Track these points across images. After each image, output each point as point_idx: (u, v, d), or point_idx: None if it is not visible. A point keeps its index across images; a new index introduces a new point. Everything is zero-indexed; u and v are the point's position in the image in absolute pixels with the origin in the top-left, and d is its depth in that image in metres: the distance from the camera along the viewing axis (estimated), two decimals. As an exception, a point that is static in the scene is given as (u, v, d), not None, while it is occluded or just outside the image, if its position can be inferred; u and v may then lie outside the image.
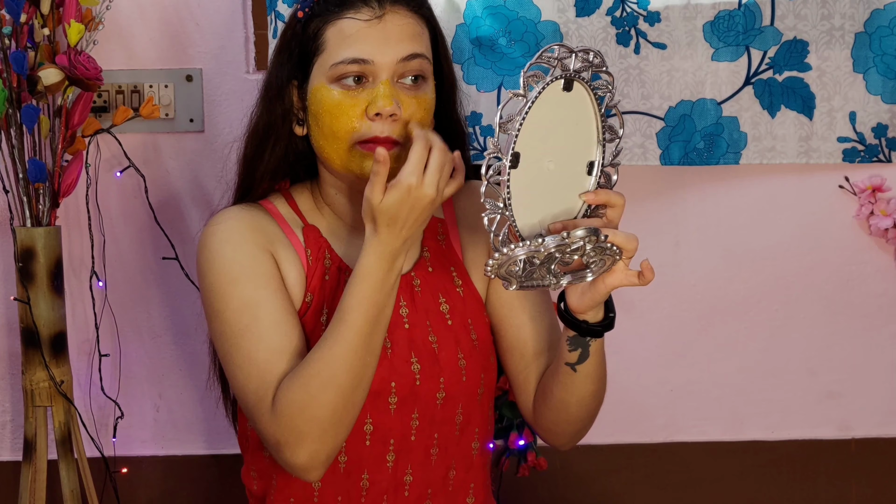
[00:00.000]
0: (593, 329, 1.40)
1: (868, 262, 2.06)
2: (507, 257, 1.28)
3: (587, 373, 1.43)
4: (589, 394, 1.46)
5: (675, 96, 1.96)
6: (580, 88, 1.33)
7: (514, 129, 1.27)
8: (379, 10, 1.43)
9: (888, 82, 1.96)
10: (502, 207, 1.29)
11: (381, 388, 1.45)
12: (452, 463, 1.51)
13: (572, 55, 1.31)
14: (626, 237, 1.32)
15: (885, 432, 2.11)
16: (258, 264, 1.45)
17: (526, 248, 1.28)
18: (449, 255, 1.55)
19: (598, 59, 1.33)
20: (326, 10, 1.44)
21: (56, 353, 1.83)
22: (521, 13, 1.92)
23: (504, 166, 1.28)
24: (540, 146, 1.31)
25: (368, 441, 1.47)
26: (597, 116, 1.36)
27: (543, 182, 1.33)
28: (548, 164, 1.33)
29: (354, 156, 1.42)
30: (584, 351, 1.41)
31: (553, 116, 1.31)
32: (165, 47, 1.97)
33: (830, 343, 2.08)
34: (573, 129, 1.35)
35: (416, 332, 1.48)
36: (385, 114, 1.41)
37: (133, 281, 2.02)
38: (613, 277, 1.36)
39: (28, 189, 1.81)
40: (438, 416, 1.49)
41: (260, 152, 1.51)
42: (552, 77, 1.29)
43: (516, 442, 2.03)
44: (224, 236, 1.46)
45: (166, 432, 2.05)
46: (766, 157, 1.99)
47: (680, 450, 2.10)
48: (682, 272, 2.06)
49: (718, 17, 1.94)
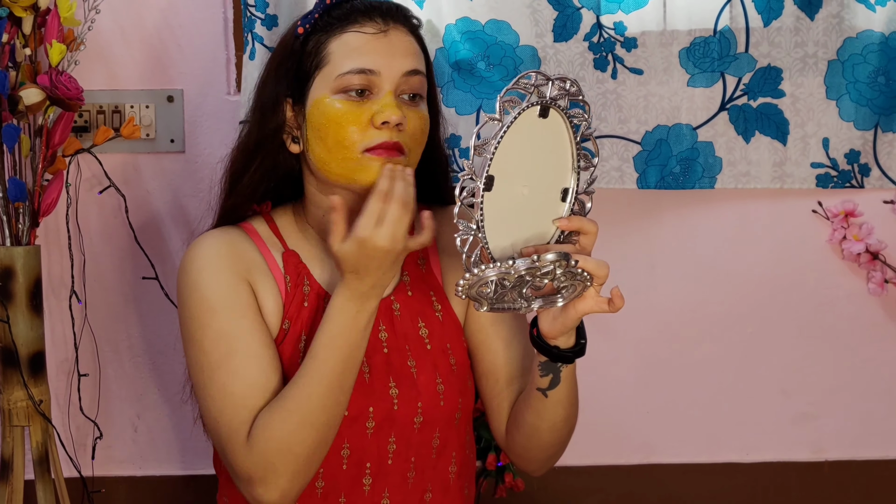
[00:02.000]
0: (564, 355, 1.40)
1: (841, 286, 2.09)
2: (477, 278, 1.29)
3: (558, 399, 1.44)
4: (560, 419, 1.46)
5: (652, 121, 1.98)
6: (556, 116, 1.34)
7: (489, 152, 1.28)
8: (383, 26, 1.45)
9: (860, 109, 1.99)
10: (475, 229, 1.30)
11: (359, 413, 1.45)
12: (429, 486, 1.51)
13: (549, 82, 1.32)
14: (597, 264, 1.33)
15: (859, 455, 2.12)
16: (236, 294, 1.45)
17: (496, 270, 1.29)
18: (429, 279, 1.55)
19: (575, 87, 1.34)
20: (329, 25, 1.45)
21: (34, 372, 1.82)
22: (499, 38, 1.94)
23: (478, 188, 1.29)
24: (514, 171, 1.31)
25: (345, 465, 1.47)
26: (572, 144, 1.37)
27: (517, 206, 1.34)
28: (522, 188, 1.34)
29: (362, 163, 1.42)
30: (555, 377, 1.42)
31: (528, 142, 1.32)
32: (147, 68, 1.98)
33: (804, 365, 2.10)
34: (548, 156, 1.36)
35: (395, 356, 1.49)
36: (392, 122, 1.42)
37: (113, 301, 2.01)
38: (584, 304, 1.36)
39: (8, 208, 1.81)
40: (415, 439, 1.49)
41: (247, 166, 1.51)
42: (528, 103, 1.31)
43: (494, 463, 2.04)
44: (202, 263, 1.46)
45: (144, 452, 2.05)
46: (740, 181, 2.01)
47: (656, 471, 2.11)
48: (657, 295, 2.07)
49: (694, 43, 1.96)
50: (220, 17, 1.98)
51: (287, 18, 1.88)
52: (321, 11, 1.47)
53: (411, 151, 1.45)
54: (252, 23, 1.88)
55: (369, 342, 1.47)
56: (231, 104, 1.99)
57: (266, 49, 1.88)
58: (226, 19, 1.99)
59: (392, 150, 1.42)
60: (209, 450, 1.92)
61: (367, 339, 1.40)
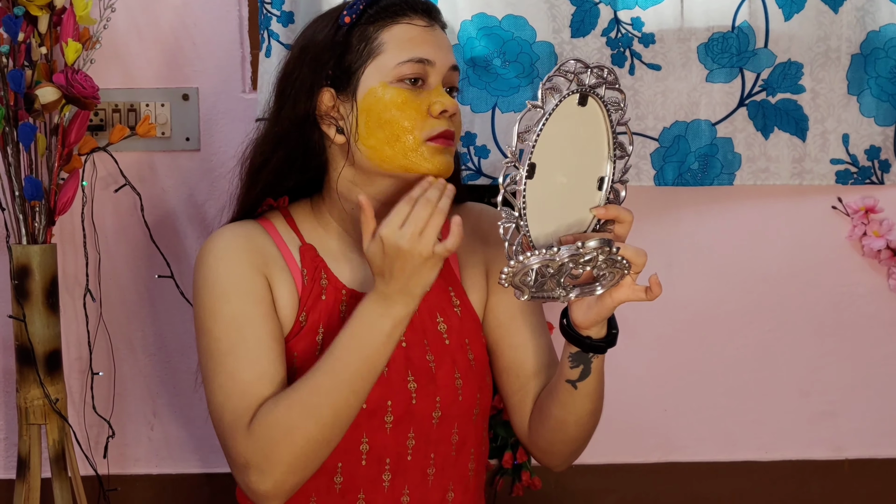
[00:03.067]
0: (596, 345, 1.41)
1: (860, 283, 2.07)
2: (521, 265, 1.30)
3: (587, 391, 1.44)
4: (587, 413, 1.46)
5: (670, 117, 1.97)
6: (594, 104, 1.35)
7: (532, 139, 1.29)
8: (429, 21, 1.48)
9: (882, 105, 1.97)
10: (517, 217, 1.30)
11: (377, 407, 1.45)
12: (450, 485, 1.51)
13: (588, 70, 1.33)
14: (636, 251, 1.34)
15: (878, 453, 2.11)
16: (251, 284, 1.45)
17: (540, 257, 1.29)
18: (447, 275, 1.55)
19: (612, 76, 1.35)
20: (379, 17, 1.46)
21: (51, 370, 1.83)
22: (516, 34, 1.93)
23: (521, 176, 1.29)
24: (554, 159, 1.32)
25: (364, 461, 1.47)
26: (608, 132, 1.38)
27: (556, 195, 1.34)
28: (560, 177, 1.34)
29: (424, 152, 1.43)
30: (585, 368, 1.42)
31: (567, 130, 1.33)
32: (162, 66, 1.98)
33: (823, 364, 2.09)
34: (585, 145, 1.37)
35: (414, 351, 1.49)
36: (450, 111, 1.45)
37: (128, 299, 2.02)
38: (621, 292, 1.37)
39: (24, 207, 1.81)
40: (434, 435, 1.49)
41: (269, 158, 1.50)
42: (569, 90, 1.31)
43: (511, 461, 2.03)
44: (219, 254, 1.47)
45: (160, 450, 2.05)
46: (759, 178, 1.99)
47: (674, 470, 2.10)
48: (675, 292, 2.06)
49: (712, 39, 1.95)
50: (235, 16, 1.98)
51: (304, 15, 1.88)
52: (367, 2, 1.47)
53: (456, 141, 1.49)
54: (268, 20, 1.88)
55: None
56: (246, 102, 1.98)
57: (282, 46, 1.87)
58: (241, 17, 1.98)
59: (450, 139, 1.45)
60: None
61: (391, 348, 1.38)
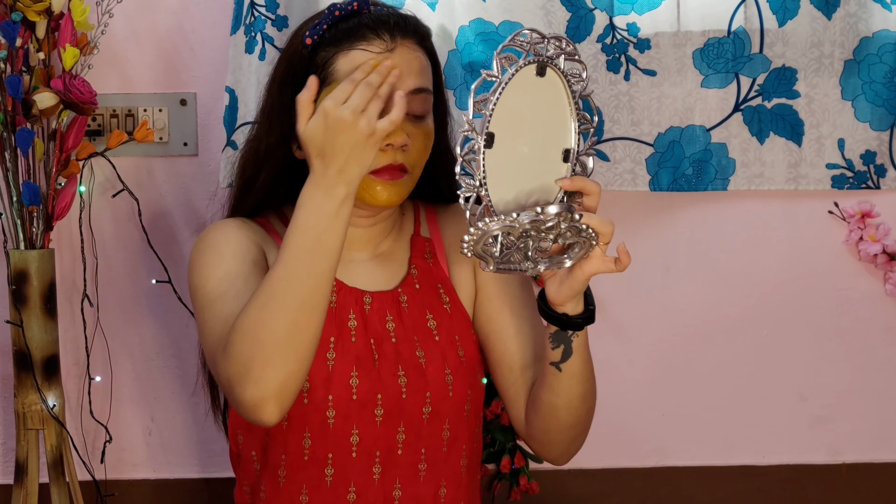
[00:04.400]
0: (573, 322, 1.40)
1: (857, 288, 2.07)
2: (482, 232, 1.29)
3: (572, 372, 1.43)
4: (577, 396, 1.46)
5: (665, 122, 1.97)
6: (553, 75, 1.34)
7: (488, 109, 1.28)
8: (391, 43, 1.44)
9: (876, 109, 1.98)
10: (478, 185, 1.29)
11: (368, 399, 1.46)
12: (442, 481, 1.52)
13: (545, 40, 1.32)
14: (602, 221, 1.33)
15: (876, 457, 2.11)
16: (246, 249, 1.47)
17: (500, 223, 1.29)
18: (436, 272, 1.56)
19: (571, 46, 1.34)
20: (337, 40, 1.45)
21: (48, 376, 1.83)
22: (512, 40, 1.94)
23: (479, 145, 1.28)
24: (514, 129, 1.31)
25: (355, 453, 1.47)
26: (570, 104, 1.36)
27: (518, 165, 1.33)
28: (522, 147, 1.33)
29: (368, 184, 1.44)
30: (566, 347, 1.42)
31: (526, 100, 1.32)
32: (160, 71, 1.98)
33: (820, 368, 2.09)
34: (547, 115, 1.35)
35: (403, 346, 1.50)
36: (397, 145, 1.43)
37: (125, 304, 2.02)
38: (591, 264, 1.35)
39: (22, 212, 1.82)
40: (425, 430, 1.49)
41: (257, 174, 1.52)
42: (525, 61, 1.30)
43: (509, 466, 2.03)
44: (220, 227, 1.50)
45: (158, 455, 2.05)
46: (754, 183, 2.00)
47: (671, 474, 2.10)
48: (671, 297, 2.06)
49: (708, 44, 1.96)
50: (231, 21, 1.98)
51: (298, 20, 1.88)
52: (329, 23, 1.46)
53: (414, 169, 1.47)
54: (262, 23, 1.88)
55: (377, 331, 1.49)
56: (244, 107, 1.99)
57: (277, 50, 1.88)
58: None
59: (396, 171, 1.44)
60: (224, 452, 1.93)
61: (341, 227, 1.36)
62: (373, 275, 1.54)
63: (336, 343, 1.48)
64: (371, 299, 1.51)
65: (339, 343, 1.48)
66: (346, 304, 1.50)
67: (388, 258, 1.56)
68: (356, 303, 1.51)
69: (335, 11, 1.46)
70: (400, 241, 1.57)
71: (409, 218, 1.60)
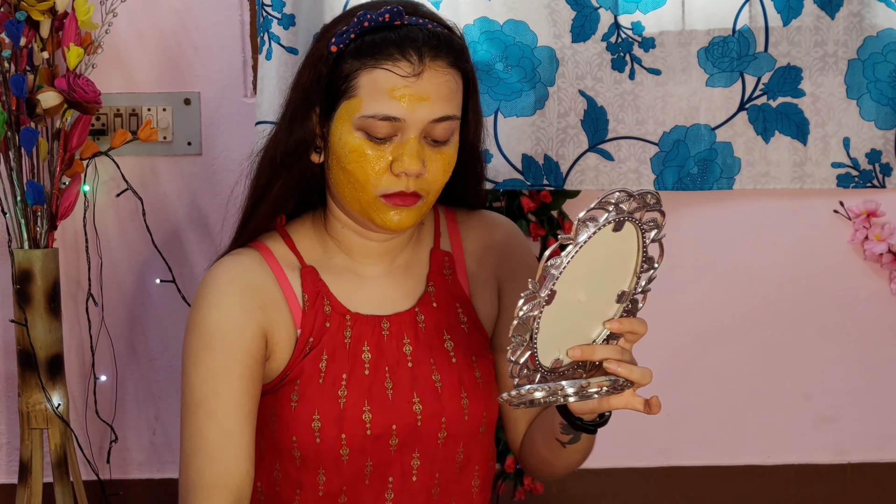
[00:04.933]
0: (587, 427, 1.37)
1: (862, 287, 2.07)
2: (523, 397, 1.25)
3: (577, 449, 1.42)
4: (575, 462, 1.46)
5: (670, 121, 1.97)
6: (629, 227, 1.26)
7: (559, 270, 1.22)
8: (418, 66, 1.36)
9: (881, 108, 1.98)
10: (528, 341, 1.24)
11: (382, 432, 1.42)
12: (452, 501, 1.49)
13: (630, 198, 1.23)
14: (642, 373, 1.28)
15: (881, 457, 2.11)
16: (238, 337, 1.41)
17: (544, 393, 1.25)
18: (455, 290, 1.50)
19: (654, 199, 1.26)
20: (362, 54, 1.37)
21: (53, 375, 1.83)
22: (517, 38, 1.93)
23: (540, 303, 1.22)
24: (576, 281, 1.24)
25: (368, 480, 1.44)
26: (639, 251, 1.29)
27: (571, 313, 1.27)
28: (580, 296, 1.26)
29: (378, 207, 1.39)
30: (575, 437, 1.40)
31: (597, 254, 1.25)
32: (163, 71, 1.98)
33: (825, 367, 2.09)
34: (612, 263, 1.28)
35: (420, 370, 1.45)
36: (411, 174, 1.37)
37: (130, 304, 2.02)
38: (618, 400, 1.31)
39: (26, 211, 1.81)
40: (440, 455, 1.46)
41: (272, 181, 1.46)
42: (605, 221, 1.22)
43: (513, 466, 2.03)
44: (214, 301, 1.43)
45: (162, 455, 2.05)
46: (759, 182, 2.00)
47: (676, 474, 2.09)
48: (676, 297, 2.06)
49: (713, 43, 1.95)
50: (236, 20, 1.98)
51: (306, 18, 1.88)
52: (357, 33, 1.39)
53: (429, 195, 1.41)
54: (269, 23, 1.88)
55: (393, 357, 1.45)
56: (248, 106, 1.99)
57: (283, 49, 1.87)
58: (242, 21, 1.99)
59: (408, 198, 1.39)
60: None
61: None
62: (389, 294, 1.48)
63: (348, 380, 1.43)
64: (389, 324, 1.46)
65: (351, 379, 1.43)
66: (361, 336, 1.45)
67: (405, 273, 1.50)
68: (373, 332, 1.45)
69: (364, 21, 1.38)
70: (418, 254, 1.51)
71: (429, 228, 1.53)
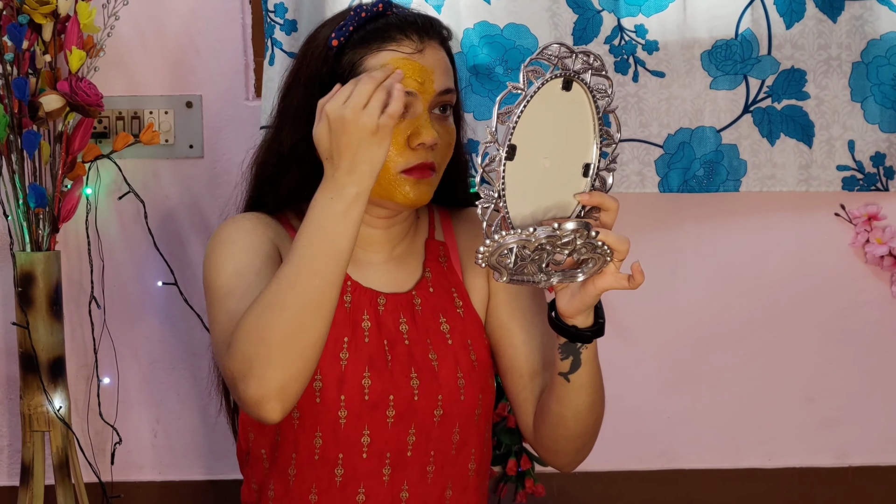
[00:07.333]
0: (583, 334, 1.39)
1: (864, 290, 2.07)
2: (497, 245, 1.28)
3: (581, 384, 1.43)
4: (585, 406, 1.45)
5: (674, 124, 1.97)
6: (579, 89, 1.33)
7: (512, 121, 1.28)
8: (420, 44, 1.43)
9: (885, 111, 1.97)
10: (496, 197, 1.29)
11: (380, 400, 1.46)
12: (448, 483, 1.52)
13: (573, 55, 1.31)
14: (618, 238, 1.32)
15: (883, 460, 2.11)
16: (259, 243, 1.47)
17: (516, 237, 1.28)
18: (450, 276, 1.56)
19: (598, 62, 1.33)
20: (365, 42, 1.44)
21: (54, 377, 1.83)
22: (518, 42, 1.93)
23: (500, 157, 1.28)
24: (536, 142, 1.31)
25: (365, 454, 1.47)
26: (594, 119, 1.36)
27: (538, 178, 1.33)
28: (543, 160, 1.33)
29: (399, 183, 1.43)
30: (575, 359, 1.42)
31: (550, 114, 1.31)
32: (165, 74, 1.98)
33: (827, 370, 2.09)
34: (570, 130, 1.35)
35: (417, 348, 1.49)
36: (429, 144, 1.43)
37: (132, 306, 2.02)
38: (604, 280, 1.35)
39: (28, 214, 1.82)
40: (435, 433, 1.49)
41: (280, 174, 1.51)
42: (552, 74, 1.30)
43: (515, 468, 2.03)
44: (234, 226, 1.49)
45: (164, 457, 2.06)
46: (765, 184, 1.99)
47: (677, 477, 2.10)
48: (679, 299, 2.06)
49: (716, 46, 1.95)
50: (238, 23, 1.98)
51: (307, 23, 1.88)
52: (356, 24, 1.45)
53: (440, 167, 1.47)
54: (272, 28, 1.88)
55: (390, 333, 1.48)
56: (250, 110, 1.99)
57: (285, 54, 1.88)
58: (244, 25, 1.99)
59: (426, 170, 1.44)
60: (230, 454, 1.93)
61: (351, 228, 1.35)
62: (388, 276, 1.53)
63: (350, 343, 1.47)
64: (385, 300, 1.51)
65: (352, 343, 1.48)
66: (360, 304, 1.50)
67: (403, 261, 1.55)
68: (370, 303, 1.50)
69: (361, 13, 1.45)
70: (415, 245, 1.57)
71: (424, 221, 1.59)
